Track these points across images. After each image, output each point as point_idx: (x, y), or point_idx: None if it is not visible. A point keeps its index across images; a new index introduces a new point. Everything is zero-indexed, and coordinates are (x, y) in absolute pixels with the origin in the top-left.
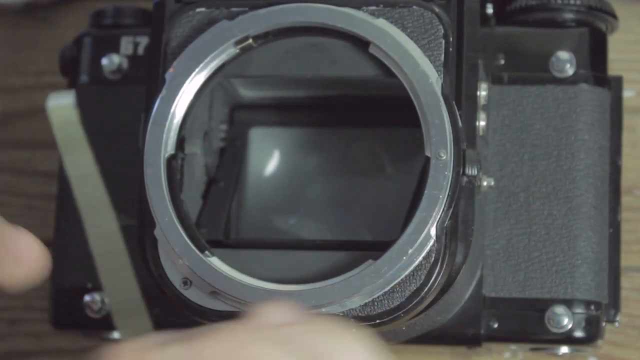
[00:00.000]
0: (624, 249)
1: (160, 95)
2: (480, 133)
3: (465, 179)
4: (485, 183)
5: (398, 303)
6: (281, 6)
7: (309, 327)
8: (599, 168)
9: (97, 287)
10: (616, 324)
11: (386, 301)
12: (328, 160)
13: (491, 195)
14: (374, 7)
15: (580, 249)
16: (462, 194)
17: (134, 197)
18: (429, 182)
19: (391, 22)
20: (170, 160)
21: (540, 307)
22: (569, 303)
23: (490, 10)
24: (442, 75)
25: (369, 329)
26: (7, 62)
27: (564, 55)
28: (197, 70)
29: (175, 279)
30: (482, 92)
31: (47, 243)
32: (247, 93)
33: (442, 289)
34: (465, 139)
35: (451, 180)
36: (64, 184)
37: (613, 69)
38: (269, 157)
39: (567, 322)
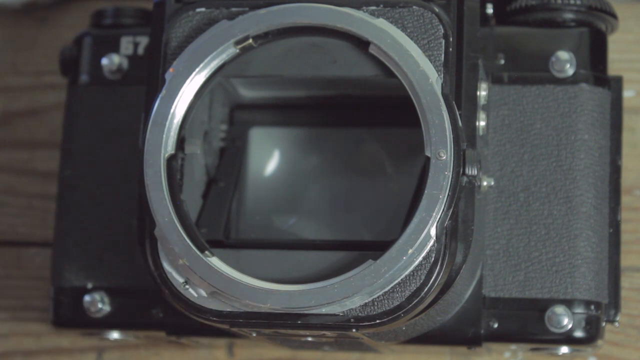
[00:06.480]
0: (624, 249)
1: (160, 95)
2: (480, 133)
3: (465, 179)
4: (485, 183)
5: (398, 303)
6: (281, 6)
7: None
8: (599, 168)
9: (97, 287)
10: (616, 324)
11: (386, 301)
12: (328, 160)
13: (491, 195)
14: (374, 7)
15: (580, 249)
16: (462, 194)
17: (134, 197)
18: (428, 182)
19: (391, 22)
20: (170, 160)
21: (540, 307)
22: (568, 303)
23: (490, 10)
24: (442, 75)
25: (369, 328)
26: (7, 62)
27: (564, 55)
28: (197, 70)
29: (175, 279)
30: (482, 92)
31: (47, 243)
32: (247, 93)
33: (442, 289)
34: (465, 139)
35: (451, 180)
36: (64, 184)
37: (613, 69)
38: (269, 157)
39: (567, 322)
